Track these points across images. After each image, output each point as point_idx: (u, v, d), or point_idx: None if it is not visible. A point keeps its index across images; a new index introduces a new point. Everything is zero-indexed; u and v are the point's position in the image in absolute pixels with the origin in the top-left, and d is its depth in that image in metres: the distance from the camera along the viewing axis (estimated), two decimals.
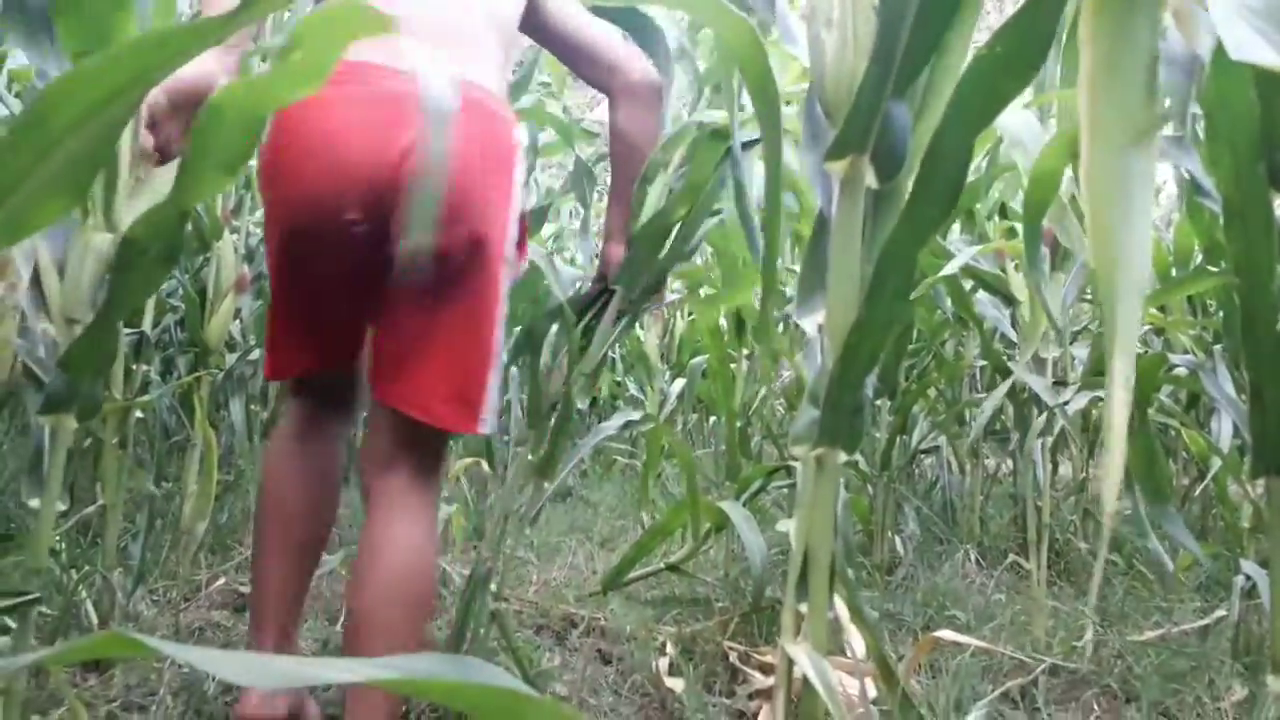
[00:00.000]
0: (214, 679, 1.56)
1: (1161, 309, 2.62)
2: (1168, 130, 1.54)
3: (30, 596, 1.15)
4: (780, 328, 2.83)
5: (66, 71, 0.73)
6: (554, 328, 1.88)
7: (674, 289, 3.46)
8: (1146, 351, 2.83)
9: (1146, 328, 2.83)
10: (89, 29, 1.02)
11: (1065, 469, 3.23)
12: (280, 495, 1.45)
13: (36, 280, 1.28)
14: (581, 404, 1.98)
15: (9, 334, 1.23)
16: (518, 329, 2.15)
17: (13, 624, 1.30)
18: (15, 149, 0.61)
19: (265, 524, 1.45)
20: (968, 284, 2.44)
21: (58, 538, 1.98)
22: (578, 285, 1.89)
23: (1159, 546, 1.87)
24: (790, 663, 0.90)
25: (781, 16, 0.98)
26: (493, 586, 1.78)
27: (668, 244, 1.67)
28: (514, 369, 1.67)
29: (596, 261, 1.86)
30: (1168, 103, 0.70)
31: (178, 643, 0.48)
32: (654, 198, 1.61)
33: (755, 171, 1.68)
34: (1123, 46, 0.64)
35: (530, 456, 1.84)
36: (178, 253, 1.08)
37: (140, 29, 1.13)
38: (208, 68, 1.23)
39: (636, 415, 2.18)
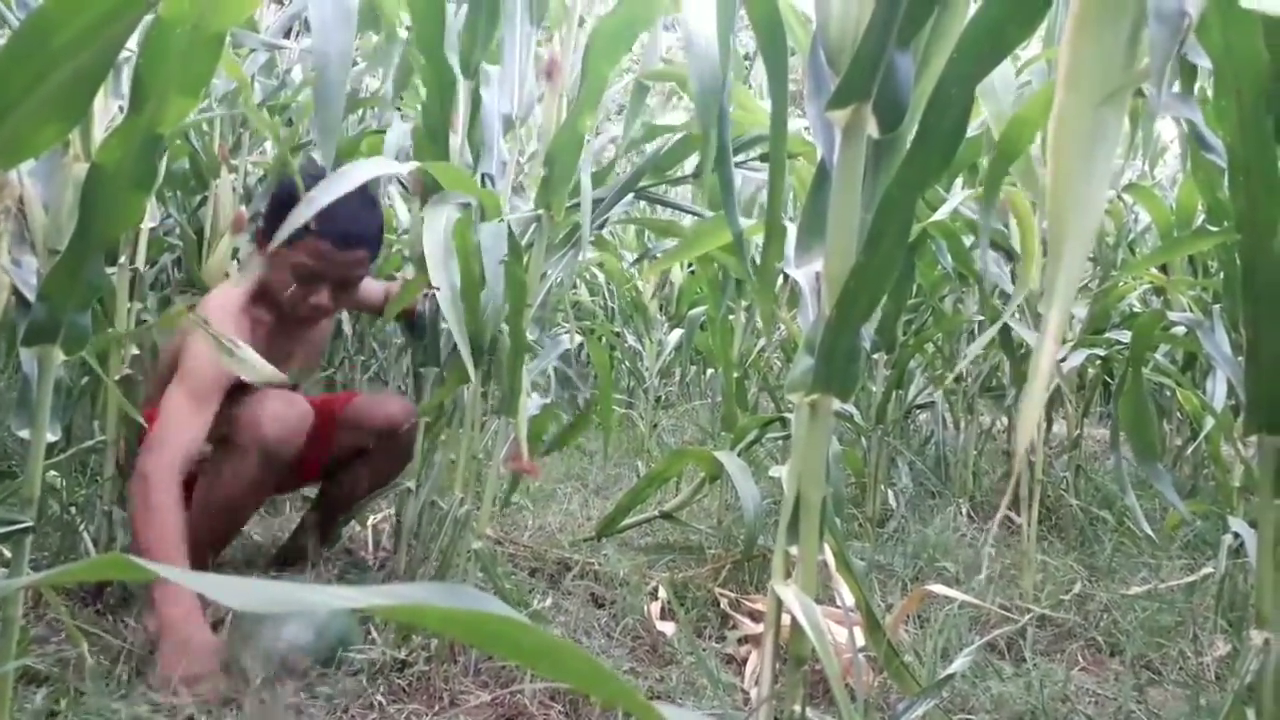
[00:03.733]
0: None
1: (1163, 268, 2.62)
2: (1177, 86, 1.53)
3: (23, 525, 1.16)
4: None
5: None
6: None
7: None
8: (1146, 309, 2.83)
9: (1145, 286, 2.83)
10: None
11: (1059, 427, 3.25)
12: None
13: (22, 213, 1.27)
14: (533, 335, 1.98)
15: (4, 262, 1.22)
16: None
17: (8, 554, 1.31)
18: (13, 69, 0.61)
19: None
20: (968, 240, 2.43)
21: (55, 474, 1.99)
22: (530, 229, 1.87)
23: (1135, 503, 1.89)
24: (780, 604, 0.92)
25: None
26: (488, 529, 1.79)
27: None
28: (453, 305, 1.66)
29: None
30: (1145, 61, 0.70)
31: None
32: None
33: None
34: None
35: (478, 390, 1.85)
36: (151, 180, 1.07)
37: None
38: None
39: (575, 342, 2.18)
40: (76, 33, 0.64)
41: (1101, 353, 2.35)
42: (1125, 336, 2.14)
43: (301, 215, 1.23)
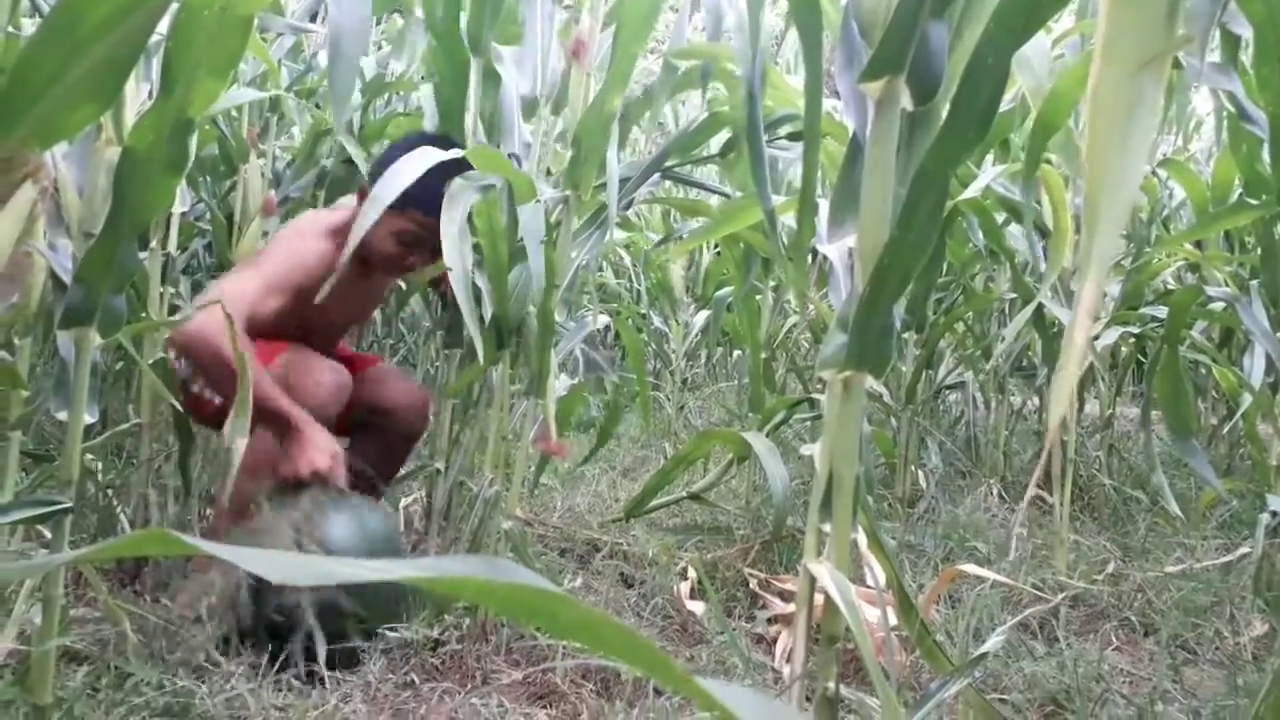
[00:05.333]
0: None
1: (1198, 244, 2.57)
2: (1212, 55, 1.50)
3: (62, 506, 1.18)
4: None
5: None
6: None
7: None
8: (1181, 286, 2.78)
9: (1181, 263, 2.78)
10: None
11: (1092, 406, 3.22)
12: None
13: (57, 196, 1.29)
14: (560, 317, 1.98)
15: (41, 245, 1.24)
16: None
17: (48, 534, 1.33)
18: (45, 51, 0.61)
19: None
20: (1000, 216, 2.40)
21: (92, 457, 2.02)
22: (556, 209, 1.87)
23: (1164, 481, 1.87)
24: (813, 582, 0.91)
25: None
26: (519, 510, 1.80)
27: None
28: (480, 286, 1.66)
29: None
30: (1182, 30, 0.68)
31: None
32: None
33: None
34: None
35: (507, 372, 1.86)
36: (182, 163, 1.07)
37: None
38: None
39: (602, 323, 2.19)
40: (106, 16, 0.64)
41: (1135, 330, 2.32)
42: (1161, 313, 2.11)
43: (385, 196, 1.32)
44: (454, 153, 1.51)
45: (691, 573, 1.91)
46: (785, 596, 1.80)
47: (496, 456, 1.90)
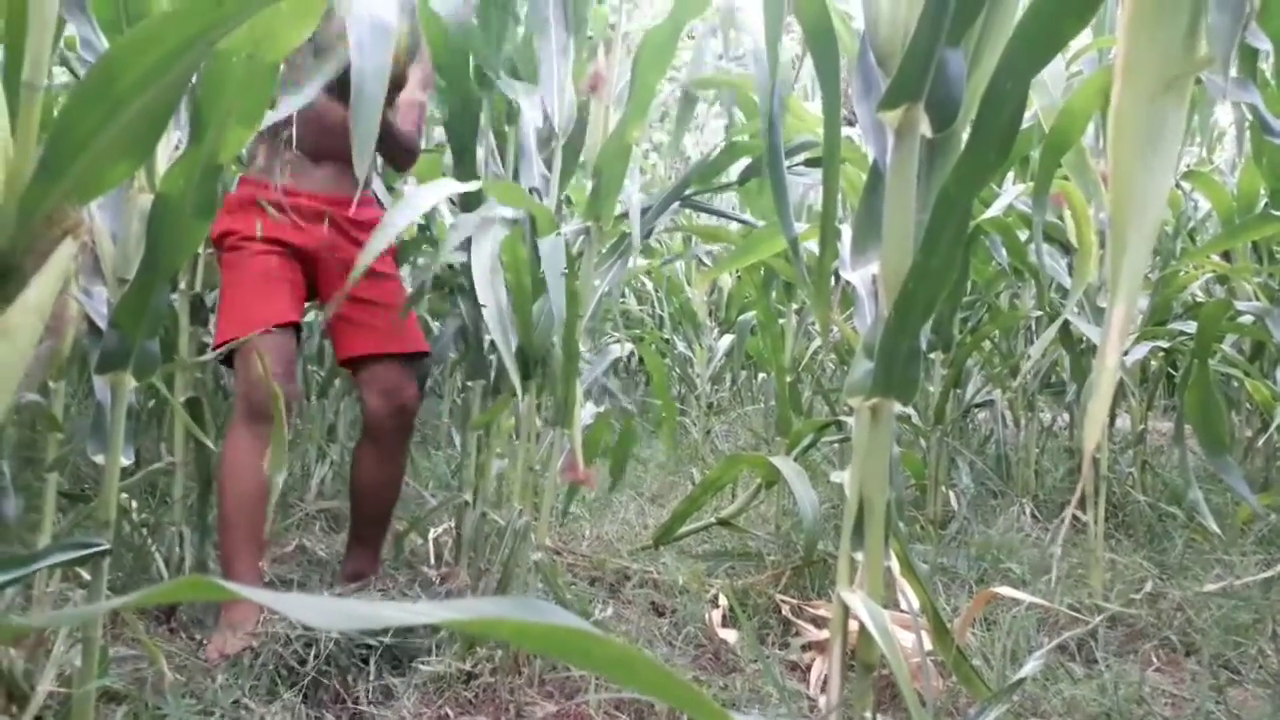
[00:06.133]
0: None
1: (1225, 255, 2.55)
2: (1231, 69, 1.50)
3: (101, 548, 1.19)
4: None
5: (130, 32, 0.74)
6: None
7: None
8: (1209, 300, 2.76)
9: (1208, 275, 2.76)
10: None
11: (1123, 421, 3.18)
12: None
13: (92, 244, 1.31)
14: (585, 347, 1.99)
15: (77, 292, 1.26)
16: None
17: (87, 575, 1.35)
18: (84, 109, 0.63)
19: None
20: (1023, 234, 2.39)
21: (127, 496, 2.04)
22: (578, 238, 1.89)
23: (1200, 497, 1.84)
24: (846, 610, 0.91)
25: None
26: (548, 539, 1.81)
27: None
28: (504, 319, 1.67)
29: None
30: (1205, 49, 0.68)
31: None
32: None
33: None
34: None
35: (534, 403, 1.87)
36: (212, 207, 1.10)
37: None
38: None
39: (626, 350, 2.21)
40: (142, 73, 0.66)
41: (1165, 344, 2.29)
42: (1189, 327, 2.09)
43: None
44: (447, 192, 1.57)
45: (723, 600, 1.90)
46: (819, 622, 1.79)
47: (525, 487, 1.91)
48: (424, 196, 1.54)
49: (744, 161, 2.02)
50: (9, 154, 0.66)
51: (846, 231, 1.12)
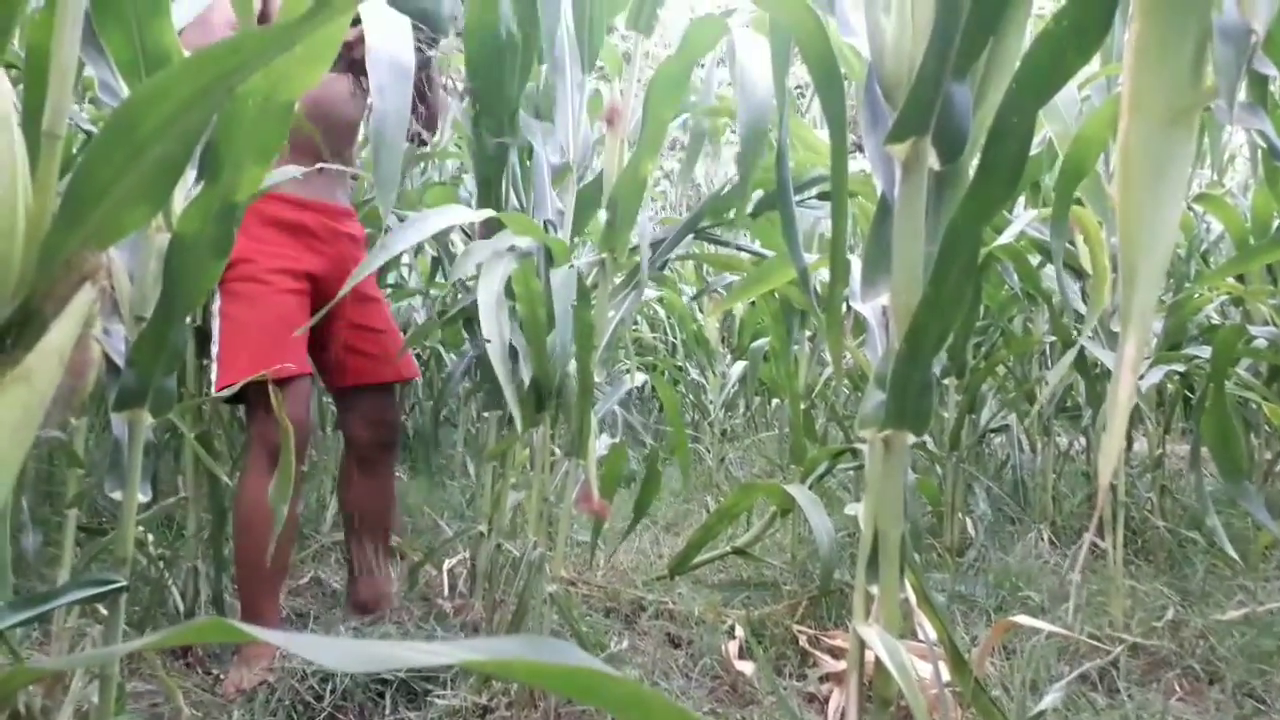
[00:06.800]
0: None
1: (1240, 278, 2.54)
2: (1244, 94, 1.50)
3: (118, 585, 1.20)
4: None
5: (150, 80, 0.76)
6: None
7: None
8: (1225, 323, 2.74)
9: (1223, 298, 2.74)
10: (131, 37, 1.06)
11: (1140, 445, 3.16)
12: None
13: (110, 283, 1.33)
14: (599, 377, 1.99)
15: (97, 334, 1.28)
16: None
17: (104, 611, 1.36)
18: (105, 156, 0.64)
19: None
20: (1035, 259, 2.39)
21: (143, 529, 2.05)
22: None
23: (1218, 524, 1.82)
24: (862, 645, 0.90)
25: (840, 9, 0.97)
26: (563, 570, 1.80)
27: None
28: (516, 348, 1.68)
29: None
30: (1210, 80, 0.69)
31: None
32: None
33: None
34: (1175, 19, 0.63)
35: (548, 433, 1.87)
36: (228, 246, 1.11)
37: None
38: None
39: (639, 380, 2.22)
40: (161, 119, 0.67)
41: (1181, 368, 2.28)
42: (1205, 351, 2.08)
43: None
44: (457, 219, 1.58)
45: (739, 631, 1.89)
46: (836, 653, 1.77)
47: (540, 518, 1.91)
48: (431, 221, 1.54)
49: (758, 194, 2.03)
50: (29, 201, 0.67)
51: (856, 263, 1.12)
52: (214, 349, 1.84)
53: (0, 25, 0.58)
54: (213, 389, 1.83)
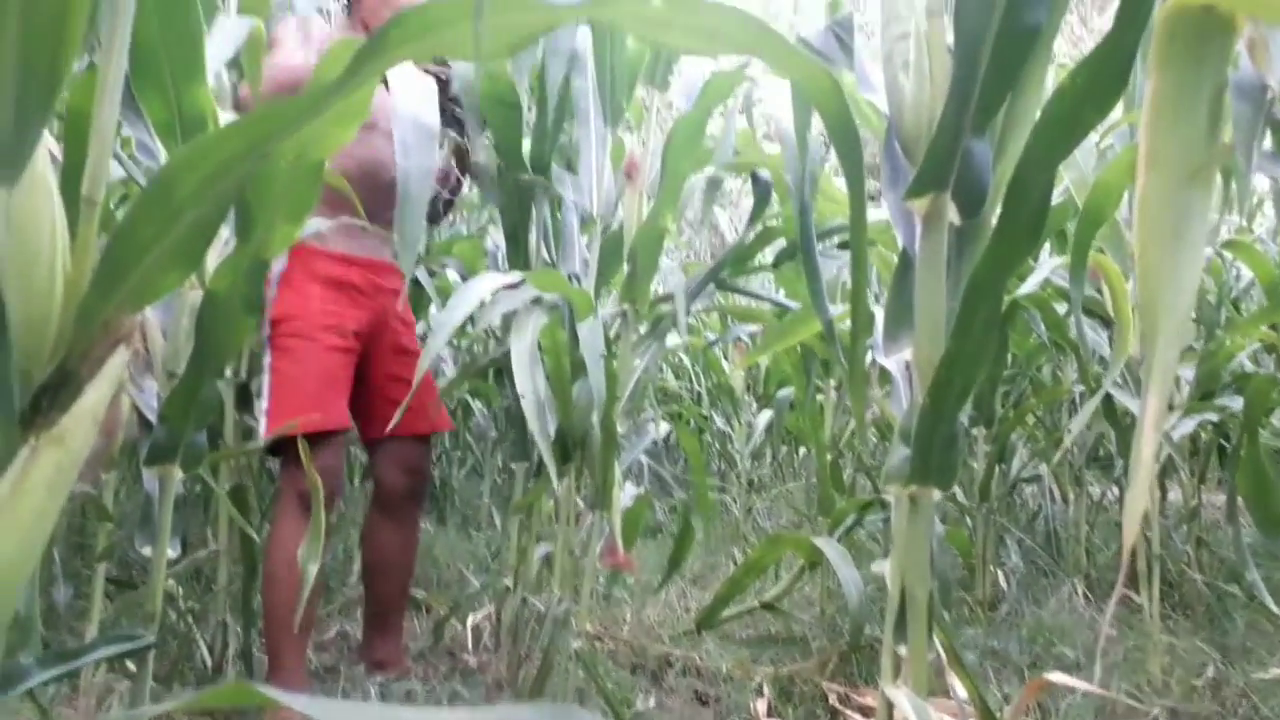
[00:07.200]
0: None
1: (1274, 326, 2.51)
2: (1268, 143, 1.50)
3: (146, 643, 1.20)
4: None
5: (187, 146, 0.78)
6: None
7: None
8: (1258, 370, 2.71)
9: (1255, 345, 2.71)
10: (168, 100, 1.10)
11: (1175, 495, 3.10)
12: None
13: (143, 339, 1.36)
14: (623, 428, 1.99)
15: (130, 389, 1.30)
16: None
17: (132, 666, 1.36)
18: (142, 221, 0.66)
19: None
20: (1061, 307, 2.38)
21: (172, 581, 2.06)
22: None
23: (1257, 577, 1.78)
24: (890, 706, 0.89)
25: (859, 65, 0.99)
26: (588, 625, 1.79)
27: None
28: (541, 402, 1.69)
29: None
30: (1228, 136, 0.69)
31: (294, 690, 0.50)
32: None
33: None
34: (1190, 76, 0.64)
35: (572, 485, 1.87)
36: (260, 302, 1.13)
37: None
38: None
39: (664, 430, 2.23)
40: (199, 183, 0.69)
41: (1214, 418, 2.25)
42: (1238, 402, 2.05)
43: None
44: (493, 284, 1.61)
45: (768, 689, 1.86)
46: (867, 712, 1.74)
47: (564, 571, 1.90)
48: (471, 292, 1.58)
49: (779, 243, 2.05)
50: (67, 265, 0.69)
51: (880, 313, 1.13)
52: (263, 402, 1.89)
53: (49, 86, 0.60)
54: (261, 439, 1.87)
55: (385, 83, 1.57)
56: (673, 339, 3.09)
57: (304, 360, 1.87)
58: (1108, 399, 2.22)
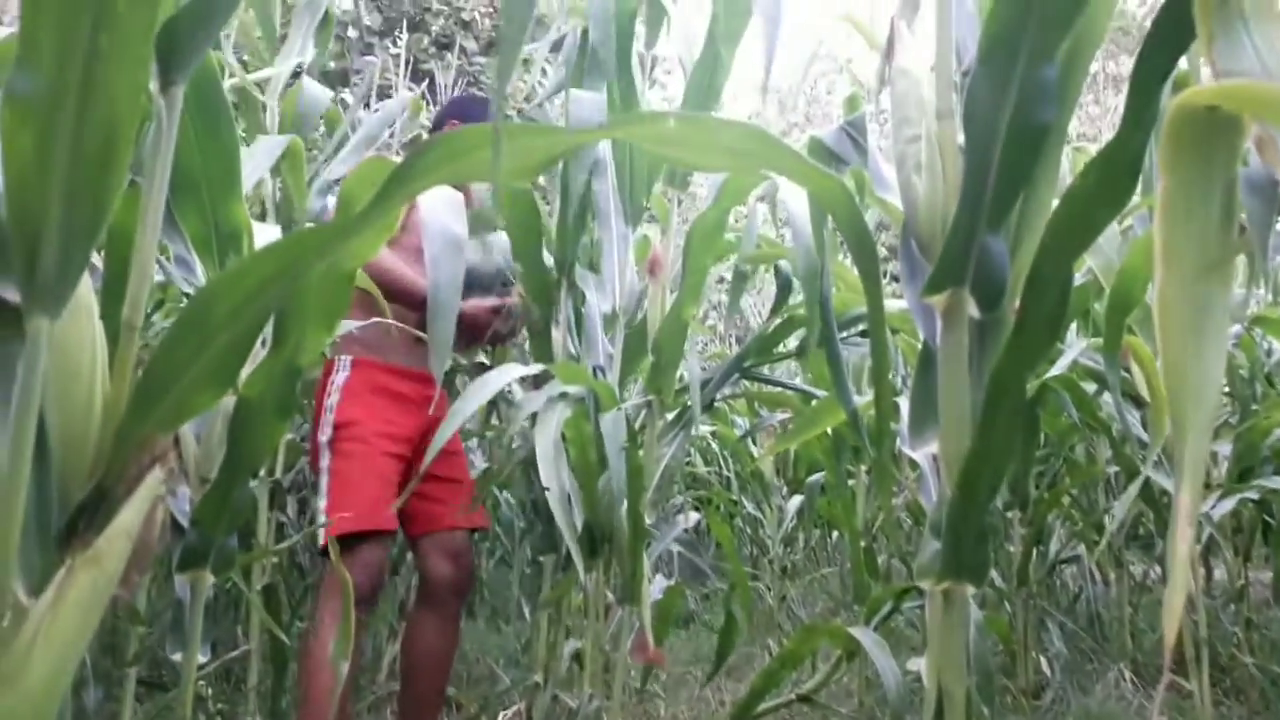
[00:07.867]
0: None
1: None
2: None
3: None
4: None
5: (224, 270, 0.81)
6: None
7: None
8: None
9: None
10: (205, 217, 1.14)
11: (1220, 574, 3.02)
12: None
13: (176, 444, 1.38)
14: (651, 519, 2.00)
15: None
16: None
17: None
18: (179, 344, 0.68)
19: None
20: (1090, 387, 2.36)
21: (203, 682, 2.05)
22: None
23: None
24: None
25: (874, 165, 1.01)
26: None
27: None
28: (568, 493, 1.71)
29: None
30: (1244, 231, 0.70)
31: None
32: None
33: None
34: (1200, 175, 0.65)
35: (601, 579, 1.85)
36: (292, 407, 1.15)
37: None
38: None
39: (694, 519, 2.24)
40: (236, 302, 0.72)
41: (1254, 496, 2.21)
42: (1277, 480, 2.01)
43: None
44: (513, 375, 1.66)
45: None
46: None
47: (595, 667, 1.87)
48: (492, 382, 1.61)
49: (802, 331, 2.06)
50: (106, 387, 0.71)
51: (905, 405, 1.13)
52: (321, 501, 2.01)
53: (95, 222, 0.63)
54: (305, 537, 1.99)
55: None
56: (704, 425, 3.09)
57: (361, 464, 1.99)
58: (1145, 480, 2.18)
